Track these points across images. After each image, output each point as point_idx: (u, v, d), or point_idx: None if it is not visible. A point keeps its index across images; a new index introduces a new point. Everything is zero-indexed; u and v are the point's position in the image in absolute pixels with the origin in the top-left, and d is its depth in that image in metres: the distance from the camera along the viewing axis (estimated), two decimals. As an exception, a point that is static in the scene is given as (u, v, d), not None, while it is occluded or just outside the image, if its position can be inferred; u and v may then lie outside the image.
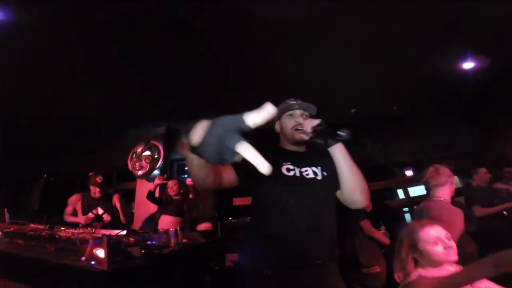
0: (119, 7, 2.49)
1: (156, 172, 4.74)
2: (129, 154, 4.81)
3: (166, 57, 3.17)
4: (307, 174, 1.31)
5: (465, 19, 2.81)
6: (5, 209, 2.61)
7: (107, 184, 5.63)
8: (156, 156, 4.71)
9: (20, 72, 3.33)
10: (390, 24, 2.83)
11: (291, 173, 1.29)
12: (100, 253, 1.45)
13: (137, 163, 4.60)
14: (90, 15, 2.56)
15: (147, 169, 4.58)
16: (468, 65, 3.58)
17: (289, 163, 1.32)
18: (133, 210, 4.57)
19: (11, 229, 1.88)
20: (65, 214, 3.46)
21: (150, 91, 3.87)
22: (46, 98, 3.84)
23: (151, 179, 4.75)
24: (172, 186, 3.67)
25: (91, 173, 3.51)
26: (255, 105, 0.63)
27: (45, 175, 4.05)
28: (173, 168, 5.26)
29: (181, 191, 3.69)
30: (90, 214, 3.34)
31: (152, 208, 4.00)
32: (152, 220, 3.71)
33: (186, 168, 3.97)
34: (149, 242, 1.99)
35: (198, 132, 0.65)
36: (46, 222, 3.91)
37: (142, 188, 4.62)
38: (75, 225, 3.09)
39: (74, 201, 3.49)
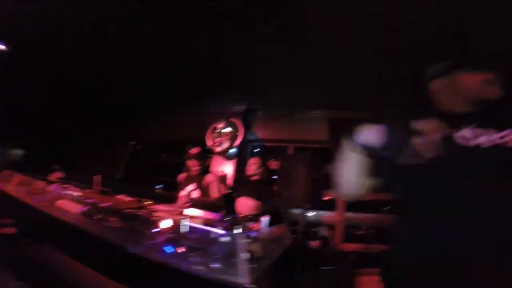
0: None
1: (233, 150, 4.53)
2: (208, 129, 4.65)
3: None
4: None
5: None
6: (100, 176, 2.58)
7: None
8: (236, 134, 4.46)
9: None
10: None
11: None
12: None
13: (217, 139, 4.41)
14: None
15: (227, 146, 4.37)
16: None
17: None
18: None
19: (104, 203, 1.67)
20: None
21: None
22: (131, 60, 3.79)
23: (229, 157, 4.56)
24: (251, 165, 3.28)
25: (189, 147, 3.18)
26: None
27: (132, 143, 4.07)
28: (247, 149, 5.03)
29: (261, 171, 3.28)
30: (184, 190, 3.08)
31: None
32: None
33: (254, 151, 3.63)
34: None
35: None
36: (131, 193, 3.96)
37: (217, 165, 4.50)
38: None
39: (181, 180, 3.23)
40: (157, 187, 5.33)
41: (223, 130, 4.45)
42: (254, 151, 5.10)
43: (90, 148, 5.94)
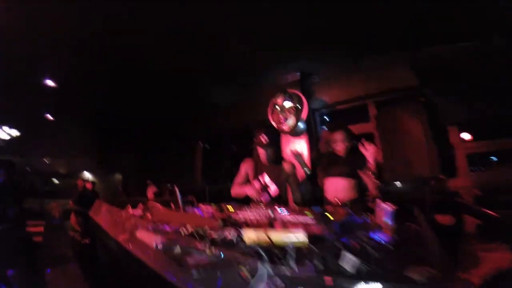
0: None
1: (301, 125, 4.05)
2: (269, 108, 4.26)
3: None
4: None
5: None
6: (174, 186, 2.47)
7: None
8: (299, 106, 3.96)
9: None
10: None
11: None
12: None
13: (281, 116, 4.01)
14: None
15: (293, 122, 3.93)
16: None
17: None
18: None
19: (183, 227, 1.44)
20: (233, 187, 2.82)
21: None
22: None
23: (298, 134, 4.13)
24: (337, 142, 2.64)
25: (257, 131, 2.68)
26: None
27: (199, 143, 4.00)
28: (315, 119, 4.46)
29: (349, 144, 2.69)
30: (256, 183, 2.65)
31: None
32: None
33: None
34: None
35: None
36: (209, 196, 3.83)
37: (287, 146, 4.10)
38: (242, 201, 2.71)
39: (248, 168, 2.78)
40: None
41: (284, 105, 4.01)
42: (326, 119, 4.54)
43: (168, 155, 6.29)
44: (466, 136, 3.03)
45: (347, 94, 4.20)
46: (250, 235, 1.21)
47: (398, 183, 2.61)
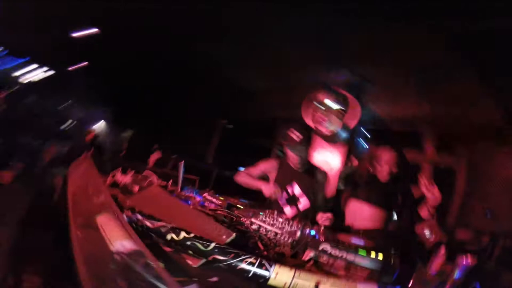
0: None
1: (344, 133, 3.40)
2: (305, 101, 3.59)
3: None
4: None
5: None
6: (182, 161, 1.96)
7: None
8: (346, 110, 3.30)
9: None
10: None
11: None
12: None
13: (324, 116, 3.36)
14: None
15: (339, 127, 3.27)
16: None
17: None
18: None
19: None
20: (242, 173, 2.26)
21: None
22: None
23: (335, 141, 3.47)
24: (383, 159, 2.07)
25: (286, 127, 2.15)
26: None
27: (222, 121, 3.43)
28: (358, 132, 3.81)
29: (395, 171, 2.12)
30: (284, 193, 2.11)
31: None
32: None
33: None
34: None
35: None
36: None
37: (317, 151, 3.46)
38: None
39: (269, 168, 2.24)
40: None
41: (330, 105, 3.35)
42: (369, 137, 3.88)
43: (183, 128, 5.83)
44: None
45: (406, 115, 3.54)
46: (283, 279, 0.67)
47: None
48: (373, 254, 1.09)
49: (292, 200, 2.12)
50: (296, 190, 2.13)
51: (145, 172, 2.13)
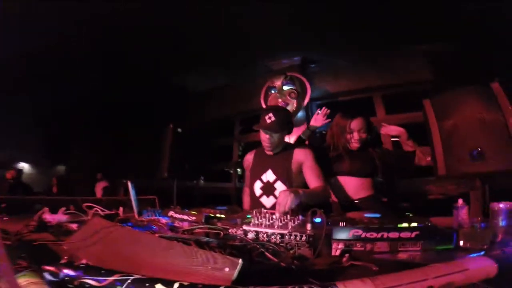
0: None
1: (300, 113, 3.30)
2: (262, 91, 3.46)
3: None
4: None
5: None
6: (129, 182, 1.56)
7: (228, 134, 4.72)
8: (301, 91, 3.21)
9: None
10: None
11: None
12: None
13: (279, 100, 3.20)
14: None
15: (295, 106, 3.15)
16: None
17: None
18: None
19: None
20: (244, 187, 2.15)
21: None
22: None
23: (297, 123, 3.34)
24: (352, 127, 2.00)
25: (265, 108, 2.01)
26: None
27: (170, 126, 2.98)
28: (312, 109, 3.77)
29: (370, 138, 2.07)
30: (259, 182, 1.93)
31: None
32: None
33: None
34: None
35: None
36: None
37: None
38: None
39: (247, 163, 2.07)
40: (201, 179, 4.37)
41: (284, 88, 3.21)
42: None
43: (128, 146, 5.16)
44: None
45: (352, 85, 3.57)
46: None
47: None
48: (413, 223, 0.89)
49: (267, 188, 1.88)
50: (270, 176, 1.90)
51: (86, 204, 1.67)
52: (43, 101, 5.01)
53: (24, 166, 7.93)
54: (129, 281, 0.46)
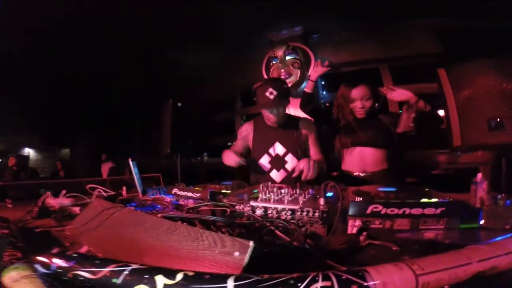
0: None
1: (304, 84, 3.16)
2: (264, 61, 3.30)
3: None
4: None
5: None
6: (130, 159, 1.51)
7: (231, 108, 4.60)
8: (304, 60, 3.05)
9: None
10: None
11: None
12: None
13: (282, 70, 3.05)
14: None
15: (298, 76, 3.01)
16: None
17: None
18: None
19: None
20: (225, 153, 1.85)
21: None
22: None
23: (300, 93, 3.21)
24: (357, 100, 1.92)
25: (256, 85, 1.80)
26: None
27: (170, 101, 2.89)
28: (317, 81, 3.62)
29: (378, 105, 1.97)
30: (266, 156, 1.88)
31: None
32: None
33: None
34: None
35: None
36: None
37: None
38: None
39: (245, 132, 2.00)
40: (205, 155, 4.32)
41: (287, 58, 3.06)
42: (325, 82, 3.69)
43: (132, 125, 5.11)
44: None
45: (357, 56, 3.38)
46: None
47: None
48: (433, 199, 0.83)
49: (277, 162, 1.82)
50: (279, 149, 1.85)
51: (89, 186, 1.64)
52: (44, 85, 4.91)
53: (29, 151, 7.98)
54: (126, 272, 0.40)
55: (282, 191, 1.08)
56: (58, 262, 0.46)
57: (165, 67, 4.21)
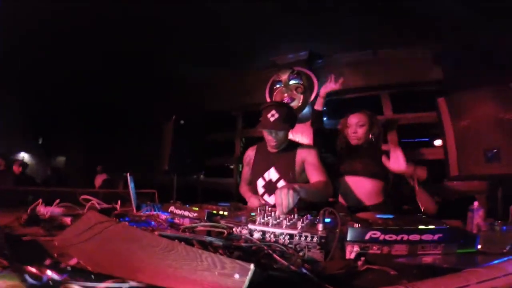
0: None
1: (306, 109, 3.21)
2: (267, 85, 3.37)
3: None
4: None
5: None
6: (128, 174, 1.51)
7: (231, 129, 4.63)
8: (307, 85, 3.13)
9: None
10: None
11: None
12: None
13: (285, 94, 3.11)
14: None
15: (301, 101, 3.06)
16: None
17: None
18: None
19: None
20: (240, 182, 2.10)
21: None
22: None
23: (303, 119, 3.25)
24: (354, 125, 2.00)
25: (263, 106, 1.84)
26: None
27: (173, 117, 2.91)
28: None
29: (373, 134, 2.00)
30: (261, 180, 1.90)
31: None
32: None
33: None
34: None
35: None
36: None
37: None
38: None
39: (248, 159, 2.04)
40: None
41: (290, 82, 3.13)
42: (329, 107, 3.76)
43: (129, 139, 5.09)
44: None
45: (361, 82, 3.47)
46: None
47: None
48: (430, 225, 0.82)
49: (270, 187, 1.83)
50: (272, 174, 1.85)
51: (83, 197, 1.60)
52: (40, 91, 4.95)
53: (25, 156, 7.87)
54: (123, 288, 0.39)
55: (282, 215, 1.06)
56: (50, 274, 0.44)
57: (168, 82, 4.28)
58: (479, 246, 0.86)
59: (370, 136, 1.99)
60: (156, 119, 3.58)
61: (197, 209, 1.23)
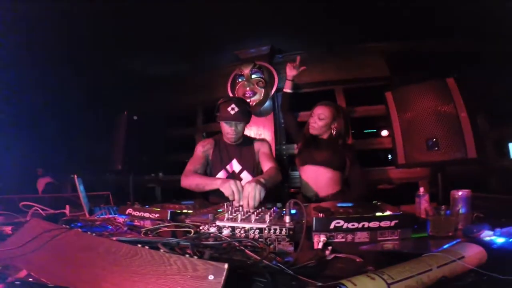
0: None
1: (267, 103, 3.24)
2: (229, 79, 3.33)
3: None
4: None
5: None
6: (75, 175, 1.36)
7: (190, 124, 4.49)
8: (269, 80, 3.15)
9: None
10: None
11: None
12: None
13: (247, 88, 3.09)
14: None
15: (262, 95, 3.07)
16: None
17: None
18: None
19: None
20: (185, 172, 1.82)
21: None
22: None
23: (264, 112, 3.28)
24: (317, 118, 2.10)
25: (220, 101, 1.87)
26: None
27: (125, 113, 2.72)
28: (278, 99, 3.76)
29: (335, 127, 2.11)
30: (223, 172, 1.89)
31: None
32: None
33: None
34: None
35: None
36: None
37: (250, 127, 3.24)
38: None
39: (208, 146, 1.95)
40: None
41: (253, 77, 3.12)
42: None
43: (77, 135, 4.64)
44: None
45: (317, 77, 3.61)
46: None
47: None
48: (388, 212, 0.89)
49: (233, 178, 1.80)
50: (235, 166, 1.92)
51: (23, 203, 1.43)
52: None
53: None
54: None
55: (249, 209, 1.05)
56: None
57: (119, 74, 3.97)
58: (429, 231, 0.94)
59: (333, 130, 2.08)
60: (107, 114, 3.32)
61: (158, 209, 1.16)
